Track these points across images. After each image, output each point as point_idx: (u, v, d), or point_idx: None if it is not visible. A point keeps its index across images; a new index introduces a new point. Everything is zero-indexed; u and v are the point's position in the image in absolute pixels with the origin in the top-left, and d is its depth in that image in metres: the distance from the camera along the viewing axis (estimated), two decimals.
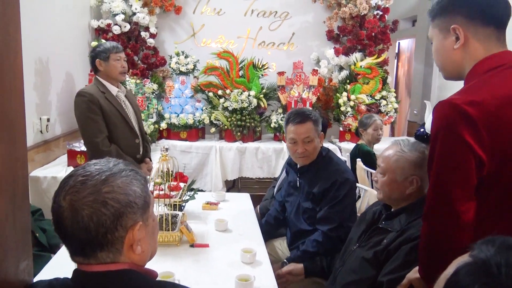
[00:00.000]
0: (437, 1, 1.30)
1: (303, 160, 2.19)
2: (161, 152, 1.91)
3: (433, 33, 1.31)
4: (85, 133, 2.65)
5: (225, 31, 4.86)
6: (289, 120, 2.17)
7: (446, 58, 1.27)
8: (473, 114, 1.09)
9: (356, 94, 4.53)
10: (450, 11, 1.24)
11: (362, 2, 4.51)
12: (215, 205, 2.40)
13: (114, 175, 0.92)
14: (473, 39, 1.21)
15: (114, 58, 2.73)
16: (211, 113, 4.41)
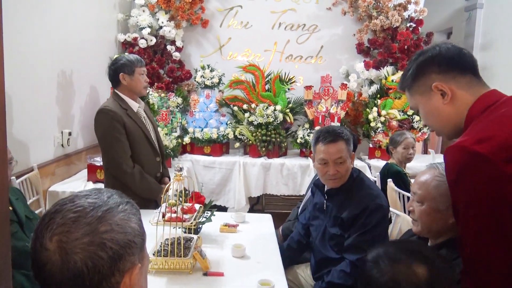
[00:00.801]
0: (404, 73, 1.32)
1: (334, 183, 2.01)
2: (175, 172, 1.78)
3: (415, 100, 1.30)
4: (108, 153, 2.53)
5: (252, 44, 4.78)
6: (319, 139, 2.01)
7: (440, 116, 1.24)
8: (485, 151, 1.03)
9: (387, 109, 4.33)
10: (423, 73, 1.24)
11: (394, 14, 4.33)
12: (234, 228, 2.25)
13: (111, 210, 0.79)
14: (458, 89, 1.20)
15: (140, 72, 2.62)
16: (236, 128, 4.30)
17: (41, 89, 2.96)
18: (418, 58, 1.28)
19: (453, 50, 1.24)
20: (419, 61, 1.27)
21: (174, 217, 1.72)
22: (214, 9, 4.72)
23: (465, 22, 5.12)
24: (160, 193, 2.64)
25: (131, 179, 2.52)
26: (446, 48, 1.24)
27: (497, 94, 1.20)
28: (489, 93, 1.19)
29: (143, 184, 2.56)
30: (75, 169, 3.50)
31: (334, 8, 4.72)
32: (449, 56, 1.22)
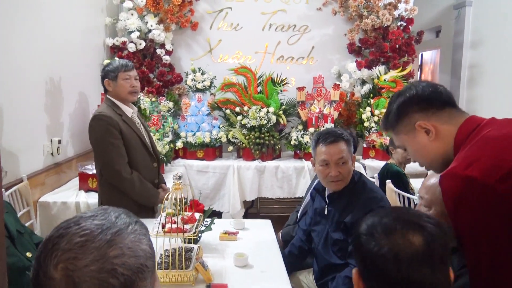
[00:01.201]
0: (385, 115, 1.37)
1: (336, 185, 1.97)
2: (173, 180, 1.72)
3: (401, 140, 1.35)
4: (105, 161, 2.45)
5: (242, 46, 4.72)
6: (319, 140, 1.97)
7: (428, 153, 1.28)
8: (476, 174, 1.06)
9: (380, 108, 4.31)
10: (405, 114, 1.29)
11: (385, 13, 4.32)
12: (234, 235, 2.19)
13: (120, 232, 0.72)
14: (440, 124, 1.24)
15: (123, 77, 2.55)
16: (229, 131, 4.24)
17: (28, 97, 2.87)
18: (396, 99, 1.33)
19: (428, 88, 1.29)
20: (398, 102, 1.31)
21: (174, 227, 1.66)
22: (204, 12, 4.65)
23: (454, 20, 5.13)
24: (157, 198, 2.59)
25: (130, 185, 2.46)
26: (421, 87, 1.29)
27: (477, 119, 1.24)
28: (469, 120, 1.24)
29: (142, 190, 2.51)
30: (66, 178, 3.41)
31: (324, 8, 4.69)
32: (426, 94, 1.27)
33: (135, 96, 2.64)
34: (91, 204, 2.95)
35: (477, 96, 5.02)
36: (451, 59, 5.39)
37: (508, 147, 1.10)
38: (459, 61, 5.18)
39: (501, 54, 4.61)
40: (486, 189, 1.04)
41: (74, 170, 3.50)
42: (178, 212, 1.76)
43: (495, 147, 1.11)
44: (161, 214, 1.75)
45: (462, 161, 1.12)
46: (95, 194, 3.03)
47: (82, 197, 3.03)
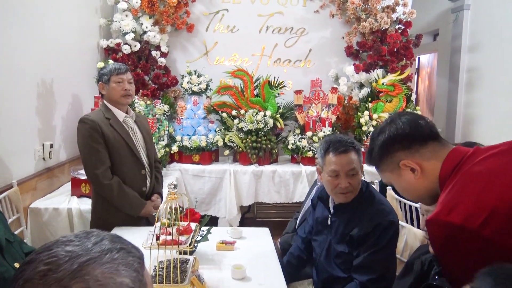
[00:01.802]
0: (368, 152, 1.34)
1: (345, 197, 1.87)
2: (168, 190, 1.65)
3: (387, 177, 1.32)
4: (86, 164, 2.43)
5: (239, 48, 4.66)
6: (329, 149, 1.86)
7: (416, 190, 1.26)
8: (458, 220, 1.05)
9: (379, 112, 4.26)
10: (387, 152, 1.26)
11: (383, 16, 4.27)
12: (231, 245, 2.12)
13: (91, 261, 0.62)
14: (425, 161, 1.22)
15: (115, 81, 2.50)
16: (225, 135, 4.18)
17: (19, 99, 2.79)
18: (378, 137, 1.30)
19: (409, 123, 1.26)
20: (380, 142, 1.28)
21: (169, 239, 1.59)
22: (200, 13, 4.59)
23: (452, 24, 5.10)
24: (142, 208, 2.51)
25: (108, 191, 2.41)
26: (402, 124, 1.26)
27: (461, 150, 1.21)
28: (452, 153, 1.21)
29: (121, 198, 2.44)
30: (58, 182, 3.33)
31: (322, 11, 4.64)
32: (407, 131, 1.24)
33: (129, 99, 2.58)
34: (83, 210, 2.88)
35: (476, 100, 4.98)
36: (449, 62, 5.36)
37: (489, 184, 1.08)
38: (457, 65, 5.15)
39: (499, 57, 4.58)
40: (470, 235, 1.03)
41: (66, 174, 3.42)
42: (173, 223, 1.69)
43: (476, 186, 1.09)
44: (155, 224, 1.68)
45: (445, 206, 1.10)
46: (87, 200, 2.97)
47: (75, 203, 2.96)
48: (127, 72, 2.57)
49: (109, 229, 2.37)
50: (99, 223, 2.50)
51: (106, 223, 2.44)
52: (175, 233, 1.64)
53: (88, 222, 2.77)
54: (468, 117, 5.09)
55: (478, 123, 4.94)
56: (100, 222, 2.50)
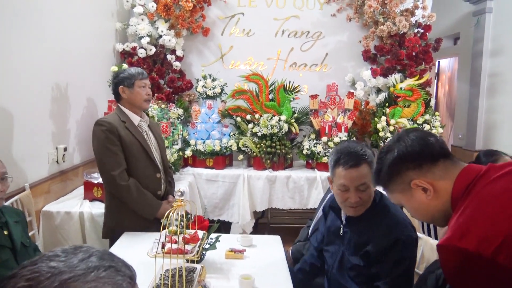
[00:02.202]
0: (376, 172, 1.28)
1: (354, 211, 1.79)
2: (176, 197, 1.62)
3: (396, 198, 1.27)
4: (102, 166, 2.43)
5: (254, 52, 4.63)
6: (339, 161, 1.75)
7: (427, 211, 1.21)
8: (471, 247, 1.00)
9: (396, 118, 4.16)
10: (397, 172, 1.21)
11: (402, 19, 4.18)
12: (241, 253, 2.07)
13: (74, 280, 0.59)
14: (437, 181, 1.17)
15: (139, 85, 2.53)
16: (239, 139, 4.14)
17: (34, 103, 2.80)
18: (386, 156, 1.24)
19: (418, 141, 1.21)
20: (389, 161, 1.22)
21: (175, 248, 1.55)
22: (215, 17, 4.57)
23: (473, 27, 4.96)
24: (159, 209, 2.51)
25: (127, 192, 2.40)
26: (411, 142, 1.21)
27: (474, 168, 1.16)
28: (465, 172, 1.16)
29: (140, 198, 2.44)
30: (71, 185, 3.34)
31: (338, 15, 4.57)
32: (417, 150, 1.19)
33: (148, 104, 2.63)
34: (95, 214, 2.87)
35: (498, 106, 4.83)
36: (470, 67, 5.21)
37: (502, 208, 1.03)
38: (478, 69, 5.01)
39: None
40: (484, 261, 0.99)
41: (80, 177, 3.43)
42: (180, 231, 1.65)
43: (489, 210, 1.05)
44: (161, 231, 1.64)
45: (457, 230, 1.06)
46: (100, 204, 2.97)
47: (86, 207, 2.95)
48: (148, 78, 2.62)
49: (121, 233, 2.38)
50: (112, 227, 2.50)
51: (118, 227, 2.44)
52: (181, 242, 1.60)
53: (100, 226, 2.77)
54: (489, 123, 4.94)
55: (500, 129, 4.79)
56: (112, 226, 2.50)
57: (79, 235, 2.87)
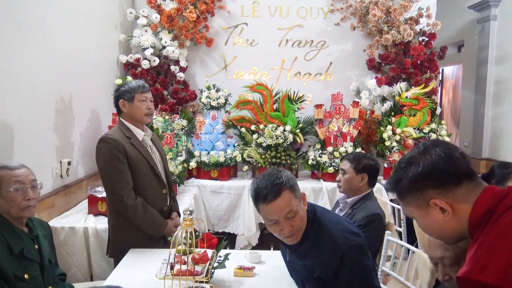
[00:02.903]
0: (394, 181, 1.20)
1: (292, 239, 1.68)
2: (184, 216, 1.58)
3: (410, 212, 1.20)
4: (108, 184, 2.38)
5: (258, 62, 4.61)
6: (258, 198, 1.62)
7: (441, 231, 1.16)
8: (492, 281, 0.98)
9: (402, 127, 4.13)
10: (418, 188, 1.14)
11: (406, 28, 4.16)
12: (250, 271, 2.03)
13: None
14: (457, 203, 1.11)
15: (139, 99, 2.46)
16: (244, 150, 4.10)
17: (38, 116, 2.76)
18: (408, 168, 1.16)
19: (446, 159, 1.13)
20: (411, 176, 1.15)
21: (184, 269, 1.51)
22: (219, 27, 4.56)
23: (477, 35, 4.94)
24: (165, 228, 2.46)
25: (133, 212, 2.35)
26: (437, 158, 1.14)
27: (494, 192, 1.10)
28: (484, 195, 1.10)
29: (146, 218, 2.38)
30: (75, 199, 3.30)
31: (342, 24, 4.56)
32: (443, 169, 1.12)
33: (150, 118, 2.56)
34: (99, 229, 2.82)
35: (504, 113, 4.79)
36: (475, 74, 5.18)
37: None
38: (483, 77, 4.97)
39: None
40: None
41: (84, 191, 3.39)
42: (189, 251, 1.61)
43: (509, 242, 1.01)
44: (170, 252, 1.60)
45: (477, 263, 1.03)
46: (104, 218, 2.91)
47: (91, 222, 2.90)
48: (149, 91, 2.55)
49: (127, 250, 2.34)
50: (118, 244, 2.44)
51: (124, 244, 2.39)
52: (190, 262, 1.56)
53: (104, 241, 2.72)
54: (496, 131, 4.90)
55: (507, 136, 4.74)
56: (119, 243, 2.43)
57: (84, 251, 2.82)
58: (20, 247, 1.78)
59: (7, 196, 1.78)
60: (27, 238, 1.85)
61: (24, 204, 1.82)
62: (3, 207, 1.80)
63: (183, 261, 1.56)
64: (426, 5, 4.29)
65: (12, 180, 1.80)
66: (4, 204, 1.79)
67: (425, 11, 4.26)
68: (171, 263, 1.57)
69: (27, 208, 1.83)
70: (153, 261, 2.08)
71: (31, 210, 1.87)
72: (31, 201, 1.84)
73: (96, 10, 3.71)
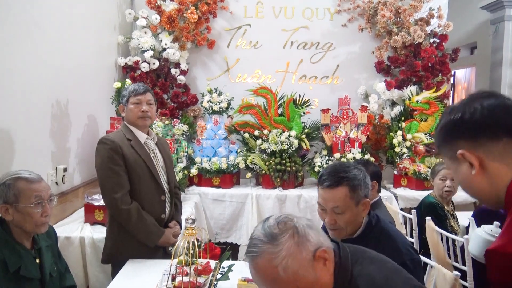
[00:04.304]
0: (436, 128, 1.14)
1: (334, 234, 1.69)
2: (186, 225, 1.46)
3: (447, 163, 1.14)
4: (104, 187, 2.29)
5: (262, 65, 4.49)
6: (320, 180, 1.70)
7: (472, 188, 1.08)
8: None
9: (413, 132, 3.97)
10: (451, 136, 1.07)
11: (417, 29, 4.00)
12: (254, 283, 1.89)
13: None
14: (488, 160, 1.00)
15: (133, 102, 2.39)
16: (247, 156, 3.98)
17: (33, 121, 2.66)
18: (448, 116, 1.08)
19: (486, 108, 0.99)
20: (447, 122, 1.07)
21: (186, 281, 1.38)
22: (221, 29, 4.45)
23: (491, 36, 4.78)
24: (160, 237, 2.34)
25: (127, 217, 2.25)
26: (478, 107, 1.00)
27: None
28: None
29: (140, 224, 2.28)
30: (71, 208, 3.18)
31: (350, 25, 4.43)
32: (480, 119, 1.00)
33: (147, 121, 2.44)
34: (96, 239, 2.72)
35: None
36: (489, 77, 5.03)
37: None
38: (498, 80, 4.82)
39: None
40: None
41: (80, 199, 3.27)
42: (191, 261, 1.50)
43: None
44: (171, 262, 1.49)
45: (510, 236, 0.95)
46: (101, 227, 2.82)
47: (87, 231, 2.80)
48: (146, 93, 2.44)
49: (124, 260, 2.24)
50: (112, 254, 2.33)
51: (120, 254, 2.29)
52: (192, 274, 1.44)
53: (101, 251, 2.58)
54: None
55: None
56: (113, 252, 2.33)
57: (80, 262, 2.72)
58: (17, 265, 1.69)
59: (25, 211, 1.70)
60: (27, 254, 1.76)
61: (41, 221, 1.74)
62: (17, 221, 1.71)
63: (185, 272, 1.46)
64: (437, 6, 4.16)
65: (32, 194, 1.72)
66: (19, 218, 1.70)
67: (436, 12, 4.13)
68: (173, 274, 1.47)
69: (43, 224, 1.77)
70: (154, 272, 2.01)
71: (46, 226, 1.81)
72: (47, 217, 1.78)
73: (94, 11, 3.60)
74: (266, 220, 1.23)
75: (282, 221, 1.19)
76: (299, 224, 1.18)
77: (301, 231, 1.17)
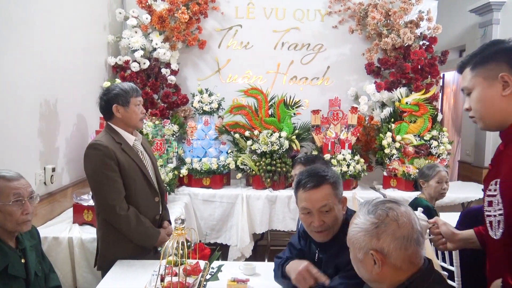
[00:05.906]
0: (474, 52, 1.33)
1: (321, 236, 1.69)
2: (175, 225, 1.45)
3: (475, 82, 1.30)
4: (99, 194, 2.23)
5: (252, 66, 4.49)
6: (299, 184, 1.70)
7: (490, 108, 1.26)
8: None
9: (402, 134, 4.00)
10: (494, 59, 1.26)
11: (407, 31, 4.04)
12: (244, 283, 1.89)
13: None
14: None
15: (135, 103, 2.32)
16: (237, 157, 3.97)
17: (20, 121, 2.62)
18: (493, 47, 1.29)
19: None
20: (497, 48, 1.27)
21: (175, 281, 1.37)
22: (212, 29, 4.44)
23: (479, 39, 4.83)
24: (158, 237, 2.33)
25: (126, 223, 2.21)
26: None
27: None
28: None
29: (139, 229, 2.24)
30: (60, 208, 3.14)
31: (340, 27, 4.45)
32: None
33: (143, 123, 2.45)
34: (85, 240, 2.68)
35: None
36: None
37: None
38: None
39: None
40: None
41: (69, 199, 3.24)
42: (180, 262, 1.50)
43: None
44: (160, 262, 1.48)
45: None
46: (90, 228, 2.79)
47: (76, 231, 2.76)
48: (141, 94, 2.43)
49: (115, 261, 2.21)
50: (107, 257, 2.28)
51: (113, 255, 2.25)
52: (181, 274, 1.43)
53: (90, 253, 2.60)
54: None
55: None
56: (108, 255, 2.27)
57: (68, 263, 2.68)
58: (4, 264, 1.68)
59: (4, 209, 1.69)
60: (13, 253, 1.74)
61: (22, 219, 1.73)
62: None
63: (174, 272, 1.45)
64: (426, 8, 4.19)
65: (11, 192, 1.70)
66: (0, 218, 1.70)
67: (425, 14, 4.16)
68: (162, 274, 1.46)
69: (25, 222, 1.75)
70: (142, 273, 2.00)
71: (28, 225, 1.78)
72: (29, 215, 1.75)
73: (84, 10, 3.57)
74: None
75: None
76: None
77: None
